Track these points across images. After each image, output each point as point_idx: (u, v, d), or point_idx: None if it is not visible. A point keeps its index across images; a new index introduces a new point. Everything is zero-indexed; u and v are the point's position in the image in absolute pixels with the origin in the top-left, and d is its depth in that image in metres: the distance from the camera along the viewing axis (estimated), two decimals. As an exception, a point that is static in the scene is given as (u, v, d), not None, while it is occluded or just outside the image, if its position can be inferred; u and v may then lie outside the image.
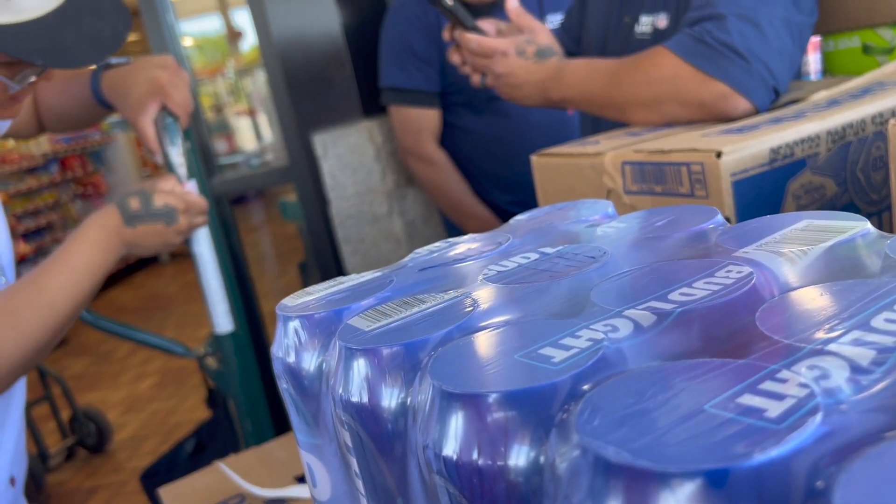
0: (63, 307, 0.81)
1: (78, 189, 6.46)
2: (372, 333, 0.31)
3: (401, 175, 2.03)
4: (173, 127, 1.04)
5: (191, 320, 5.07)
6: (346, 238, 2.04)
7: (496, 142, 1.71)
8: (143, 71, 1.02)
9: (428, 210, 2.07)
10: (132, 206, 0.89)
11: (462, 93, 1.70)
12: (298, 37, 1.98)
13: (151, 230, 0.91)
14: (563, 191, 0.82)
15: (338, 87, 2.00)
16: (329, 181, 2.01)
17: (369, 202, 2.01)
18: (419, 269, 0.39)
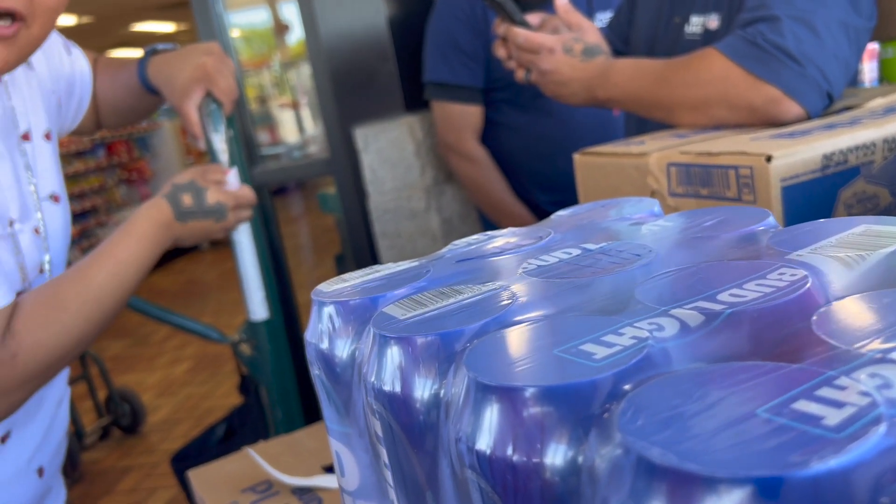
0: (109, 301, 0.82)
1: (123, 174, 6.59)
2: (407, 322, 0.31)
3: (440, 171, 2.02)
4: (217, 113, 1.05)
5: (228, 307, 5.14)
6: (383, 232, 2.04)
7: (539, 140, 1.69)
8: (190, 57, 1.03)
9: (465, 207, 2.06)
10: (185, 202, 0.90)
11: (507, 89, 1.68)
12: (344, 30, 1.99)
13: (200, 226, 0.91)
14: (606, 190, 0.80)
15: (381, 82, 2.01)
16: (368, 175, 2.02)
17: (407, 197, 2.01)
18: (457, 261, 0.39)
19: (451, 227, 2.04)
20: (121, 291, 0.84)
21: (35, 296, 0.79)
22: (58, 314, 0.78)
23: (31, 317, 0.76)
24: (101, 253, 0.84)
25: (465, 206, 2.06)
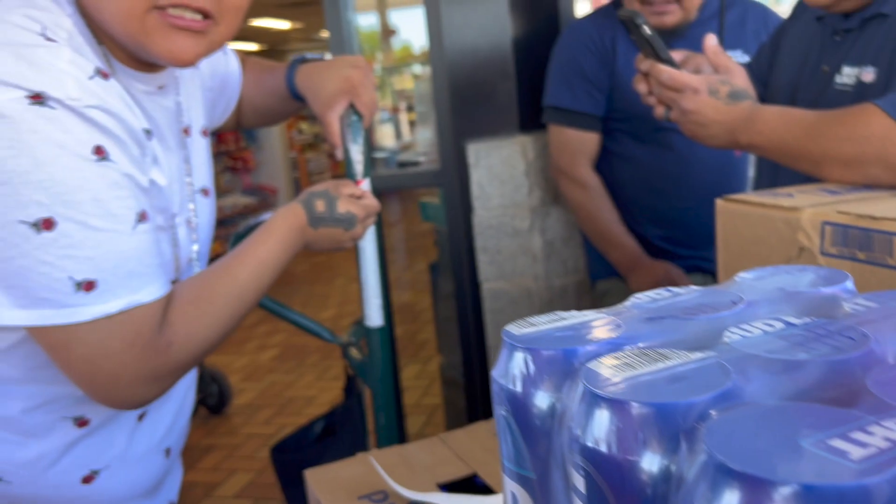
0: (249, 298, 0.85)
1: (228, 162, 6.84)
2: (620, 384, 0.31)
3: (547, 193, 2.02)
4: (357, 125, 1.07)
5: (315, 300, 5.26)
6: (484, 247, 2.05)
7: (656, 174, 1.67)
8: (337, 69, 1.06)
9: (569, 231, 2.05)
10: (318, 208, 0.93)
11: (627, 120, 1.67)
12: (468, 45, 2.01)
13: (330, 233, 0.94)
14: (749, 240, 0.78)
15: (499, 99, 2.02)
16: (476, 190, 2.03)
17: (512, 215, 2.02)
18: (648, 318, 0.39)
19: (553, 249, 2.03)
20: (261, 289, 0.88)
21: (187, 289, 0.82)
22: (207, 308, 0.81)
23: (184, 309, 0.80)
24: (244, 252, 0.87)
25: (569, 230, 2.05)
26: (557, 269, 2.04)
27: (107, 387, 0.76)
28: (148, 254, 0.76)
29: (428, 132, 2.73)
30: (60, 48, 0.72)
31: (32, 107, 0.67)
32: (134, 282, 0.74)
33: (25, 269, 0.69)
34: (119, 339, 0.74)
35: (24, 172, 0.67)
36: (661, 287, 1.45)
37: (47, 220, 0.68)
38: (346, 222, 0.95)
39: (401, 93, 4.51)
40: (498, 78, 2.01)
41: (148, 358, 0.76)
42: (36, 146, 0.67)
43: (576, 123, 1.69)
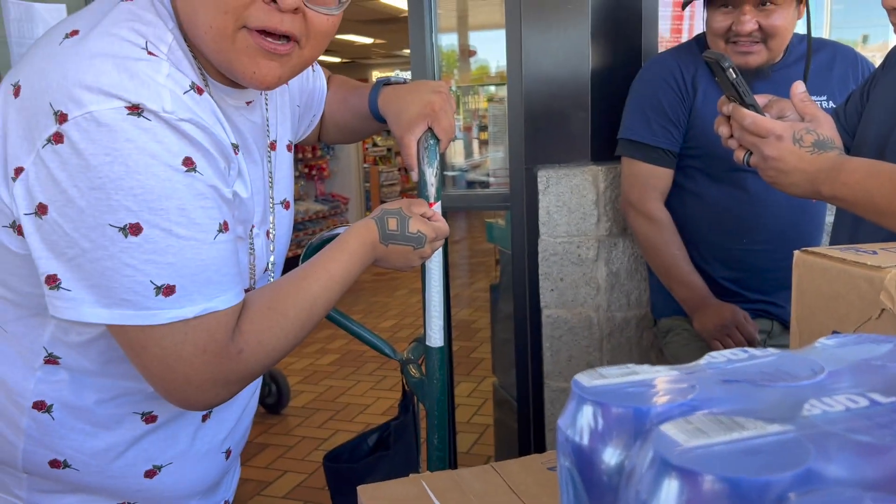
0: (319, 311, 0.86)
1: (304, 170, 6.97)
2: (692, 453, 0.30)
3: (615, 224, 1.99)
4: (434, 149, 1.08)
5: (376, 310, 5.30)
6: (547, 273, 2.03)
7: (728, 213, 1.63)
8: (420, 93, 1.06)
9: (635, 264, 2.01)
10: (390, 225, 0.94)
11: (702, 158, 1.63)
12: (547, 73, 2.00)
13: (400, 250, 0.95)
14: (826, 296, 0.75)
15: (573, 128, 2.00)
16: (543, 216, 2.01)
17: (578, 244, 2.00)
18: (723, 380, 0.37)
19: (618, 280, 2.00)
20: (330, 302, 0.89)
21: (260, 299, 0.84)
22: (279, 319, 0.82)
23: (256, 318, 0.81)
24: (316, 265, 0.88)
25: (634, 263, 2.01)
26: (620, 301, 2.01)
27: (178, 388, 0.78)
28: (226, 263, 0.77)
29: (499, 153, 2.73)
30: (160, 62, 0.74)
31: (130, 117, 0.70)
32: (210, 289, 0.75)
33: (111, 270, 0.71)
34: (192, 343, 0.75)
35: (116, 178, 0.69)
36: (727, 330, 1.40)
37: (134, 225, 0.70)
38: (416, 241, 0.96)
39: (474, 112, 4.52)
40: (573, 106, 1.99)
41: (219, 363, 0.77)
42: (130, 154, 0.69)
43: (650, 158, 1.67)
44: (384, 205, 0.98)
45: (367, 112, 1.13)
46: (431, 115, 1.04)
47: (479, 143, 4.00)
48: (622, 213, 1.88)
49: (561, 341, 2.04)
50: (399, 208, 0.96)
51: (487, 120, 3.77)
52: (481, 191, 2.83)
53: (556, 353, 2.05)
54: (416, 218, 0.96)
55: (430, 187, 1.09)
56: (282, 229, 0.98)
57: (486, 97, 4.26)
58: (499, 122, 2.80)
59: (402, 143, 1.06)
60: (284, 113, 1.01)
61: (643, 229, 1.71)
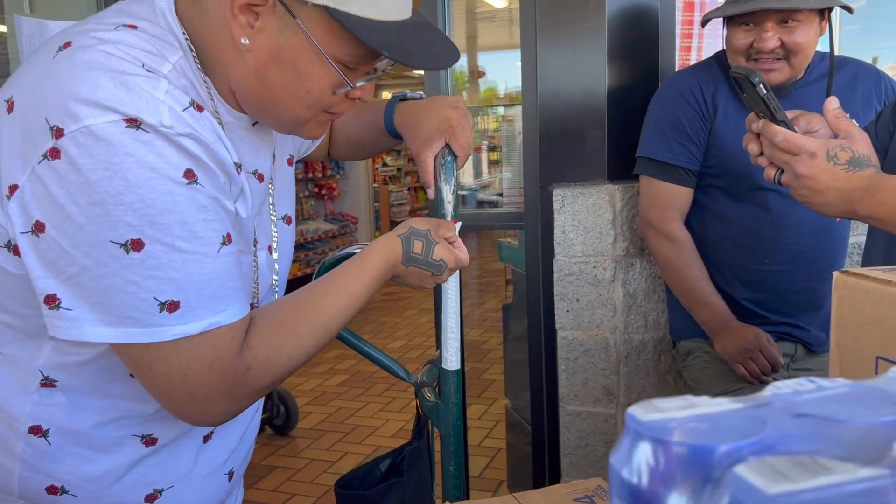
0: (334, 329, 0.84)
1: (314, 188, 6.98)
2: (779, 501, 0.26)
3: (633, 244, 1.96)
4: (451, 166, 1.05)
5: (385, 330, 5.26)
6: (562, 294, 1.99)
7: (749, 233, 1.59)
8: (437, 109, 1.04)
9: (653, 285, 1.98)
10: (415, 248, 0.91)
11: (723, 176, 1.60)
12: (563, 90, 1.98)
13: (418, 273, 0.93)
14: (868, 319, 0.71)
15: (589, 146, 1.97)
16: (558, 235, 1.98)
17: (594, 264, 1.96)
18: (794, 415, 0.33)
19: (635, 301, 1.96)
20: (345, 320, 0.86)
21: (271, 314, 0.82)
22: (290, 336, 0.80)
23: (266, 334, 0.79)
24: (335, 282, 0.86)
25: (652, 284, 1.98)
26: (637, 323, 1.97)
27: (185, 405, 0.77)
28: (230, 276, 0.76)
29: (509, 173, 2.71)
30: (159, 80, 0.73)
31: (128, 130, 0.68)
32: (215, 304, 0.74)
33: (113, 287, 0.70)
34: (199, 359, 0.74)
35: (116, 194, 0.68)
36: (750, 353, 1.36)
37: (136, 241, 0.69)
38: (437, 269, 0.94)
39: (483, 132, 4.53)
40: (590, 124, 1.97)
41: (226, 379, 0.76)
42: (130, 168, 0.68)
43: (670, 177, 1.64)
44: (412, 222, 0.94)
45: (382, 127, 1.10)
46: (449, 130, 1.01)
47: (489, 162, 3.99)
48: (640, 232, 1.84)
49: (576, 364, 2.00)
50: (427, 231, 0.93)
51: (497, 140, 3.77)
52: (494, 210, 2.81)
53: (571, 375, 2.01)
54: (442, 244, 0.94)
55: (448, 205, 1.06)
56: (284, 245, 0.97)
57: (494, 118, 4.26)
58: (510, 141, 2.78)
59: (419, 159, 1.03)
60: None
61: (663, 250, 1.67)
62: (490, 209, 2.89)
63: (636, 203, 1.89)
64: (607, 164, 1.96)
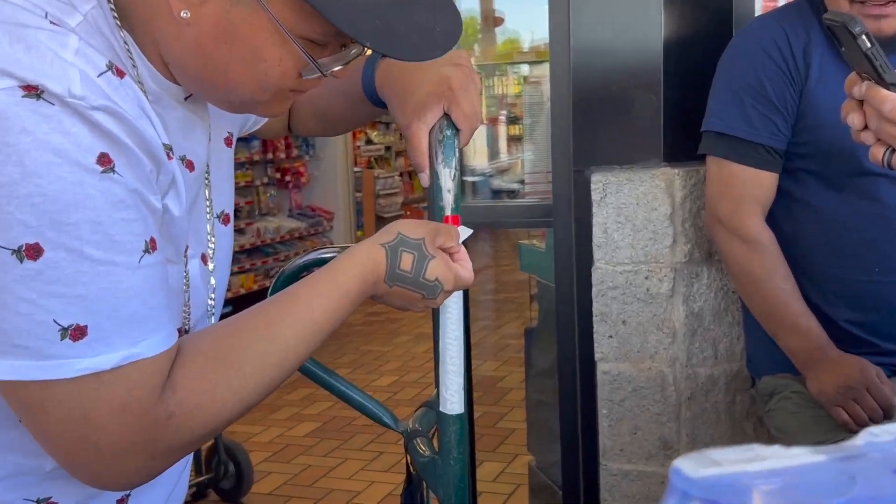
0: (290, 365, 0.85)
1: (274, 174, 7.00)
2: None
3: (698, 247, 1.96)
4: (452, 142, 1.05)
5: (369, 362, 5.27)
6: (604, 314, 2.00)
7: (853, 233, 1.60)
8: (432, 67, 1.04)
9: (724, 302, 1.98)
10: (403, 263, 0.91)
11: (817, 158, 1.61)
12: (603, 43, 1.99)
13: (404, 294, 0.93)
14: None
15: (639, 117, 1.98)
16: (598, 235, 1.99)
17: (646, 274, 1.97)
18: (893, 470, 0.34)
19: (700, 325, 1.97)
20: (305, 354, 0.87)
21: (206, 345, 0.82)
22: (230, 374, 0.81)
23: (198, 373, 0.80)
24: (294, 302, 0.86)
25: (724, 301, 1.98)
26: (705, 352, 1.98)
27: (87, 461, 0.77)
28: (154, 294, 0.76)
29: (534, 153, 2.72)
30: (67, 35, 0.73)
31: (26, 100, 0.69)
32: (134, 330, 0.74)
33: (1, 307, 0.70)
34: (108, 402, 0.74)
35: (9, 184, 0.68)
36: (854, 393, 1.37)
37: (33, 246, 0.69)
38: (430, 290, 0.94)
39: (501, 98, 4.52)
40: (640, 88, 1.97)
41: (142, 429, 0.76)
42: (27, 151, 0.68)
43: (747, 158, 1.64)
44: (401, 227, 0.95)
45: (360, 93, 1.11)
46: (448, 95, 1.02)
47: (508, 139, 4.00)
48: (707, 231, 1.84)
49: (623, 407, 2.00)
50: (421, 241, 0.93)
51: (519, 109, 3.76)
52: (512, 202, 2.81)
53: (616, 423, 2.01)
54: (439, 259, 0.94)
55: (447, 194, 1.07)
56: (222, 251, 0.98)
57: (515, 79, 4.26)
58: (536, 110, 2.79)
59: (409, 134, 1.04)
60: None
61: (736, 254, 1.68)
62: (508, 201, 2.90)
63: (702, 192, 1.90)
64: (663, 140, 1.97)
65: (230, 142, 1.03)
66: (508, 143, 3.99)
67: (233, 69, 0.80)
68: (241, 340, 0.83)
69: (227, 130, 1.02)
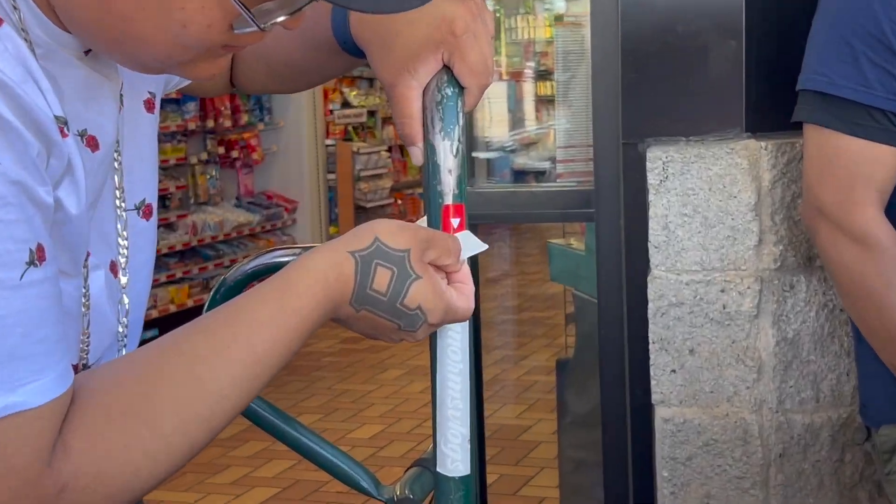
0: (227, 416, 0.85)
1: (216, 149, 7.00)
2: None
3: (795, 250, 1.97)
4: (453, 106, 1.06)
5: (345, 405, 5.28)
6: (664, 340, 2.00)
7: None
8: (429, 5, 1.05)
9: (830, 324, 1.98)
10: (377, 282, 0.92)
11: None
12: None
13: (375, 321, 0.94)
14: None
15: (714, 73, 1.99)
16: (657, 232, 1.99)
17: (722, 285, 1.97)
18: None
19: (796, 355, 1.97)
20: (247, 400, 0.87)
21: (109, 392, 0.82)
22: (143, 433, 0.81)
23: (99, 431, 0.80)
24: (231, 334, 0.86)
25: (829, 322, 1.99)
26: (803, 393, 1.98)
27: None
28: (42, 321, 0.76)
29: (571, 120, 2.73)
30: None
31: None
32: (13, 372, 0.74)
33: None
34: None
35: None
36: None
37: None
38: (409, 321, 0.94)
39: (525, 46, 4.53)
40: (714, 34, 1.98)
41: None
42: None
43: (859, 128, 1.64)
44: (380, 230, 0.94)
45: (329, 38, 1.11)
46: (449, 42, 1.02)
47: (536, 101, 4.01)
48: (806, 227, 1.84)
49: (690, 468, 2.00)
50: (405, 254, 0.93)
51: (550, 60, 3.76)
52: (540, 187, 2.82)
53: (680, 489, 2.01)
54: (424, 282, 0.94)
55: (447, 176, 1.07)
56: (140, 258, 0.98)
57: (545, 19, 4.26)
58: (573, 61, 2.79)
59: (396, 94, 1.04)
60: None
61: (846, 258, 1.68)
62: (535, 186, 2.91)
63: (799, 174, 1.90)
64: (745, 102, 1.98)
65: (152, 105, 1.04)
66: (536, 107, 3.99)
67: (140, 20, 0.80)
68: (156, 387, 0.83)
69: (147, 90, 1.02)
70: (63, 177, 0.83)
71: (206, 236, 6.61)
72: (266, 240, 7.05)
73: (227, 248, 6.75)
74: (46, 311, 0.77)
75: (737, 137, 1.97)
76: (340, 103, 8.64)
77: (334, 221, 7.87)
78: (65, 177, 0.83)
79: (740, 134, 1.97)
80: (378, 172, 8.76)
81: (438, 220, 1.03)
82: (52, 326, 0.78)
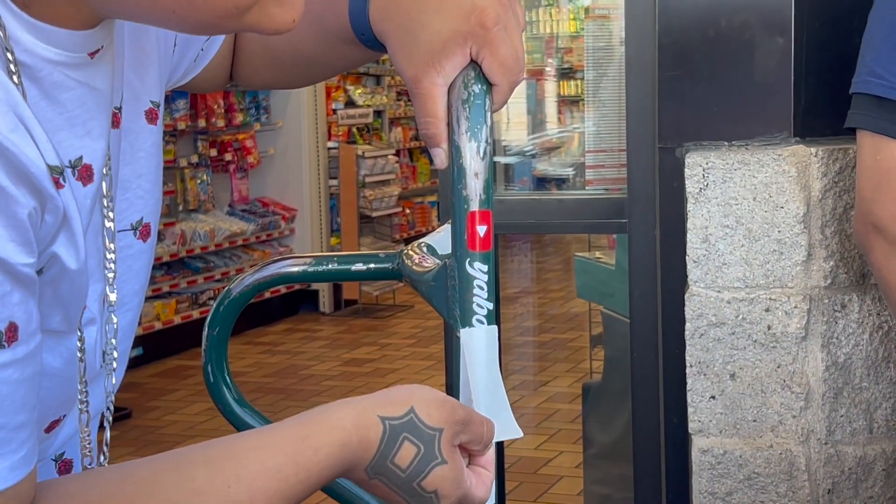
0: None
1: (208, 151, 7.00)
2: None
3: (847, 266, 1.97)
4: (481, 104, 1.06)
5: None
6: (702, 364, 2.00)
7: None
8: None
9: (885, 347, 1.98)
10: (401, 457, 0.92)
11: None
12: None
13: (385, 492, 0.94)
14: None
15: (758, 71, 1.99)
16: (695, 245, 2.00)
17: (767, 304, 1.97)
18: None
19: (848, 381, 1.97)
20: None
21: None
22: None
23: None
24: (237, 475, 0.86)
25: (884, 346, 1.98)
26: (855, 423, 1.98)
27: None
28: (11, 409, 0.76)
29: (600, 123, 2.73)
30: None
31: None
32: None
33: None
34: None
35: None
36: None
37: None
38: (420, 501, 0.95)
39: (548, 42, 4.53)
40: (759, 29, 1.98)
41: None
42: None
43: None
44: (418, 400, 0.93)
45: (344, 28, 1.12)
46: (479, 35, 1.03)
47: (559, 101, 4.01)
48: (859, 242, 1.85)
49: (730, 503, 2.01)
50: (436, 434, 0.92)
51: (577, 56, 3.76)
52: (565, 195, 2.82)
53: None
54: (448, 468, 0.94)
55: (473, 180, 1.07)
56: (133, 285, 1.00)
57: (571, 11, 4.27)
58: (603, 58, 2.80)
59: (419, 91, 1.04)
60: (142, 52, 1.02)
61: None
62: (559, 193, 2.91)
63: (852, 184, 1.90)
64: (794, 105, 1.98)
65: (155, 115, 1.04)
66: (560, 108, 3.98)
67: None
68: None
69: (149, 100, 1.03)
70: (59, 231, 0.82)
71: (196, 246, 6.58)
72: (261, 251, 7.04)
73: (218, 259, 6.73)
74: (6, 398, 0.76)
75: (784, 143, 1.97)
76: (344, 102, 8.58)
77: (336, 231, 7.84)
78: (61, 231, 0.82)
79: (788, 139, 1.98)
80: (384, 178, 8.71)
81: (463, 227, 1.04)
82: (20, 417, 0.77)
